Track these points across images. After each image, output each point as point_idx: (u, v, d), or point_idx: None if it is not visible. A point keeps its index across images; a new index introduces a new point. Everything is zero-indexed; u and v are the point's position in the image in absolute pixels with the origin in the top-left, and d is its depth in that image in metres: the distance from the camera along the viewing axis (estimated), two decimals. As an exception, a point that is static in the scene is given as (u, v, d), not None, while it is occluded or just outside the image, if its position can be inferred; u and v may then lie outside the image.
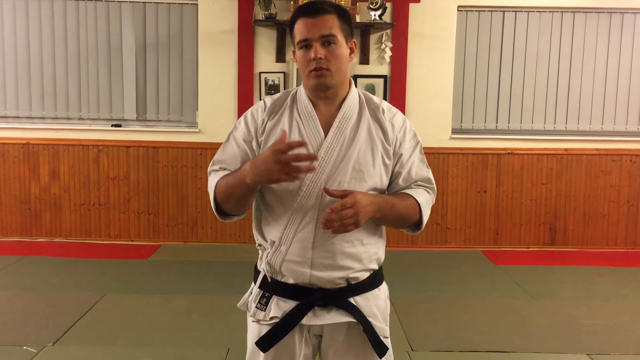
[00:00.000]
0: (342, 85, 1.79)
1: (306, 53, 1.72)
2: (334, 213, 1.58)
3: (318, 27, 1.70)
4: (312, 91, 1.78)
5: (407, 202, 1.78)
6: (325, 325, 1.76)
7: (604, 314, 4.18)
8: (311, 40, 1.71)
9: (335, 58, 1.72)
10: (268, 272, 1.79)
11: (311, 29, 1.70)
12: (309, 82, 1.75)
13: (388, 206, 1.74)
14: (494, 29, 5.88)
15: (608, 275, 5.16)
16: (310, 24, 1.71)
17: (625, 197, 5.97)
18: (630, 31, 5.87)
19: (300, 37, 1.73)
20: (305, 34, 1.71)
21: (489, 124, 5.97)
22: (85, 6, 5.77)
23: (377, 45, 5.69)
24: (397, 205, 1.76)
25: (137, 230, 5.92)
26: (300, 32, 1.72)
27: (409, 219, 1.80)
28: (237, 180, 1.69)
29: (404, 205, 1.77)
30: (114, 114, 5.89)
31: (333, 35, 1.71)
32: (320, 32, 1.70)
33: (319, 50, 1.70)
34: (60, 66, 5.82)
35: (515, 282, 4.90)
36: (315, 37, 1.70)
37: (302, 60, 1.74)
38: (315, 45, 1.70)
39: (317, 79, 1.72)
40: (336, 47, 1.72)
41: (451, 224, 5.96)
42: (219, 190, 1.76)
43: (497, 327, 3.92)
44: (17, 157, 5.81)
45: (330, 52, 1.71)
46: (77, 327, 3.76)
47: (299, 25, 1.73)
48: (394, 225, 1.84)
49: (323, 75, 1.71)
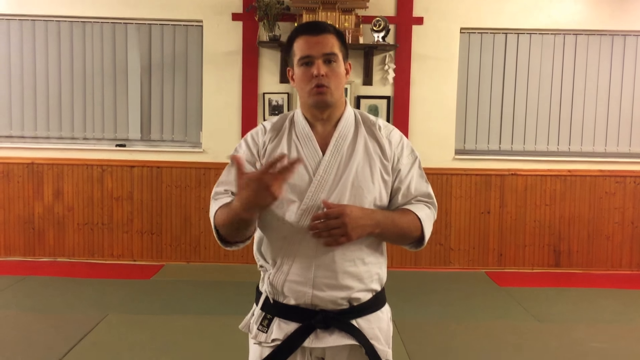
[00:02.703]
0: (338, 104, 1.81)
1: (307, 70, 1.74)
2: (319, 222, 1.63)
3: (321, 45, 1.73)
4: (311, 110, 1.80)
5: (407, 217, 1.78)
6: (327, 347, 1.74)
7: (609, 336, 4.15)
8: (313, 58, 1.73)
9: (336, 76, 1.76)
10: (270, 294, 1.78)
11: (314, 46, 1.73)
12: (309, 100, 1.77)
13: (388, 221, 1.74)
14: (497, 51, 5.92)
15: (613, 297, 5.12)
16: (313, 41, 1.74)
17: (629, 219, 5.95)
18: (633, 53, 5.89)
19: (301, 54, 1.74)
20: (308, 51, 1.73)
21: (492, 144, 5.98)
22: (92, 27, 5.83)
23: (381, 67, 5.73)
24: (397, 220, 1.76)
25: (140, 250, 5.92)
26: (302, 50, 1.74)
27: (410, 235, 1.80)
28: (232, 213, 1.65)
29: (405, 221, 1.77)
30: (118, 133, 5.92)
31: (334, 54, 1.75)
32: (323, 50, 1.73)
33: (321, 67, 1.72)
34: (66, 86, 5.87)
35: (519, 304, 4.86)
36: (318, 55, 1.73)
37: (302, 77, 1.76)
38: (317, 63, 1.73)
39: (318, 96, 1.74)
40: (336, 65, 1.76)
41: (455, 245, 5.94)
42: (218, 220, 1.76)
43: (501, 350, 3.89)
44: (21, 176, 5.83)
45: (331, 70, 1.74)
46: (80, 347, 3.74)
47: (300, 43, 1.75)
48: (396, 242, 1.83)
49: (324, 92, 1.73)
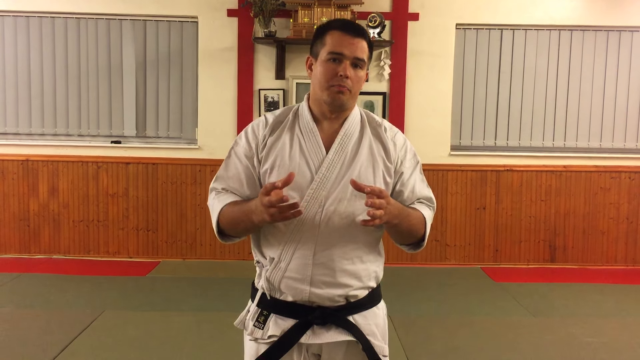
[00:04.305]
0: (351, 108, 1.81)
1: (333, 66, 1.72)
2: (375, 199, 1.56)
3: (355, 47, 1.72)
4: (322, 106, 1.78)
5: (417, 214, 1.80)
6: (324, 344, 1.74)
7: (604, 331, 4.16)
8: (344, 57, 1.71)
9: (358, 82, 1.75)
10: (267, 290, 1.77)
11: (349, 46, 1.71)
12: (325, 96, 1.74)
13: (405, 213, 1.74)
14: (492, 47, 5.92)
15: (608, 292, 5.14)
16: (348, 41, 1.72)
17: (624, 214, 5.97)
18: (628, 49, 5.91)
19: (334, 49, 1.72)
20: (341, 49, 1.71)
21: (487, 140, 5.99)
22: (86, 23, 5.81)
23: (376, 63, 5.73)
24: (411, 215, 1.77)
25: (135, 247, 5.91)
26: (334, 45, 1.72)
27: (416, 232, 1.80)
28: (244, 216, 1.69)
29: (416, 217, 1.78)
30: (113, 130, 5.91)
31: (364, 60, 1.74)
32: (355, 53, 1.72)
33: (348, 69, 1.71)
34: (61, 83, 5.85)
35: (514, 299, 4.88)
36: (350, 56, 1.71)
37: (325, 72, 1.73)
38: (346, 63, 1.71)
39: (337, 95, 1.72)
40: (361, 72, 1.75)
41: (450, 241, 5.95)
42: (223, 218, 1.76)
43: (497, 345, 3.90)
44: (16, 173, 5.81)
45: (356, 75, 1.73)
46: (75, 344, 3.74)
47: (335, 37, 1.73)
48: (401, 237, 1.82)
49: (343, 92, 1.72)
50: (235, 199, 1.78)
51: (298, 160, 1.74)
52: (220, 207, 1.76)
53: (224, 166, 1.84)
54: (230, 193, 1.80)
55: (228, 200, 1.77)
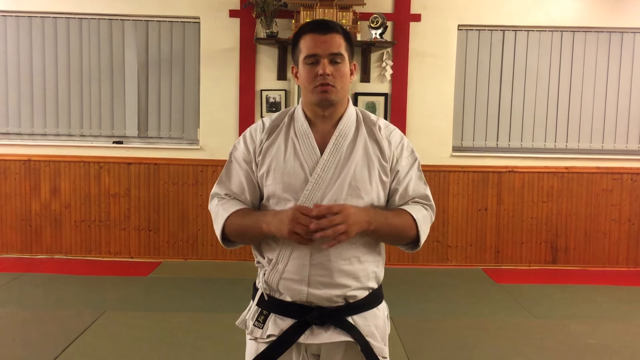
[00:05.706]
0: (341, 103, 1.80)
1: (312, 69, 1.74)
2: (324, 220, 1.59)
3: (328, 44, 1.73)
4: (313, 107, 1.79)
5: (402, 217, 1.77)
6: (323, 344, 1.74)
7: (605, 333, 4.16)
8: (319, 57, 1.73)
9: (341, 76, 1.75)
10: (265, 290, 1.78)
11: (321, 45, 1.73)
12: (313, 98, 1.76)
13: (381, 218, 1.72)
14: (494, 48, 5.92)
15: (610, 294, 5.13)
16: (320, 40, 1.73)
17: (626, 216, 5.96)
18: (630, 50, 5.90)
19: (308, 52, 1.74)
20: (314, 50, 1.73)
21: (489, 141, 5.98)
22: (89, 23, 5.81)
23: (378, 64, 5.73)
24: (390, 218, 1.75)
25: (137, 247, 5.91)
26: (309, 48, 1.74)
27: (404, 235, 1.79)
28: (254, 225, 1.73)
29: (399, 220, 1.76)
30: (115, 130, 5.91)
31: (341, 54, 1.74)
32: (329, 50, 1.73)
33: (327, 67, 1.72)
34: (63, 83, 5.86)
35: (516, 300, 4.87)
36: (324, 54, 1.72)
37: (307, 76, 1.75)
38: (323, 62, 1.72)
39: (322, 95, 1.73)
40: (342, 65, 1.75)
41: (452, 242, 5.95)
42: (229, 227, 1.78)
43: (498, 346, 3.89)
44: (18, 173, 5.82)
45: (336, 70, 1.74)
46: (76, 344, 3.74)
47: (307, 41, 1.75)
48: (390, 241, 1.82)
49: (328, 91, 1.73)
50: (239, 207, 1.80)
51: (292, 162, 1.75)
52: (226, 215, 1.78)
53: (225, 171, 1.86)
54: (233, 200, 1.82)
55: (233, 208, 1.79)
